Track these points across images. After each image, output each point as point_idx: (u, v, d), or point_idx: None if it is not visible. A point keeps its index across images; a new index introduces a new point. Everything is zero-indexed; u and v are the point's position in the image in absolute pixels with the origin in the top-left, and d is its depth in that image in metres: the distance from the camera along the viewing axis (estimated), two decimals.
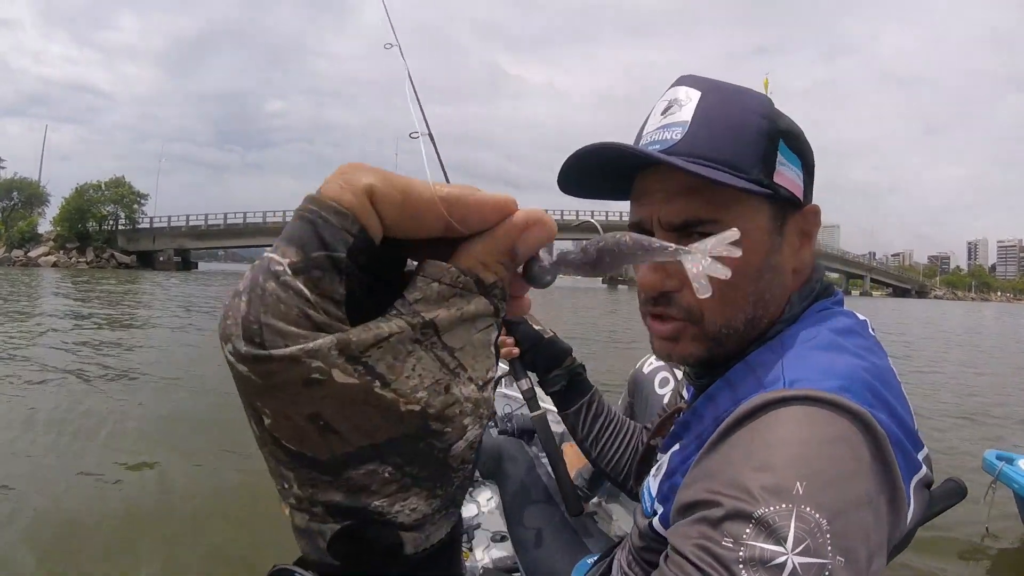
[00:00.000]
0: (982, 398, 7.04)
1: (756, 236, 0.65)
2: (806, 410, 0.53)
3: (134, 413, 4.41)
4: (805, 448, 0.50)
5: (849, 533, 0.47)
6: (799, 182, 0.67)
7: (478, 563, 1.55)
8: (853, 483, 0.49)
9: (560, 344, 1.19)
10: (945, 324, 23.09)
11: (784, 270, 0.68)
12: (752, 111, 0.66)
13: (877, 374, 0.59)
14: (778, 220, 0.67)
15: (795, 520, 0.46)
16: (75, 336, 8.09)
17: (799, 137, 0.68)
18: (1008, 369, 9.95)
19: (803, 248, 0.69)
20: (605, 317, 16.84)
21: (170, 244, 52.85)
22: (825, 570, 0.45)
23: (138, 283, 23.60)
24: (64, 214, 50.80)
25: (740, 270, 0.65)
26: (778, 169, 0.65)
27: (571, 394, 1.15)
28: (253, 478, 3.09)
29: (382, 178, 0.23)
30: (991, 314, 40.62)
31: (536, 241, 0.26)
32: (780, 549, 0.46)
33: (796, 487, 0.48)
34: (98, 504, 2.89)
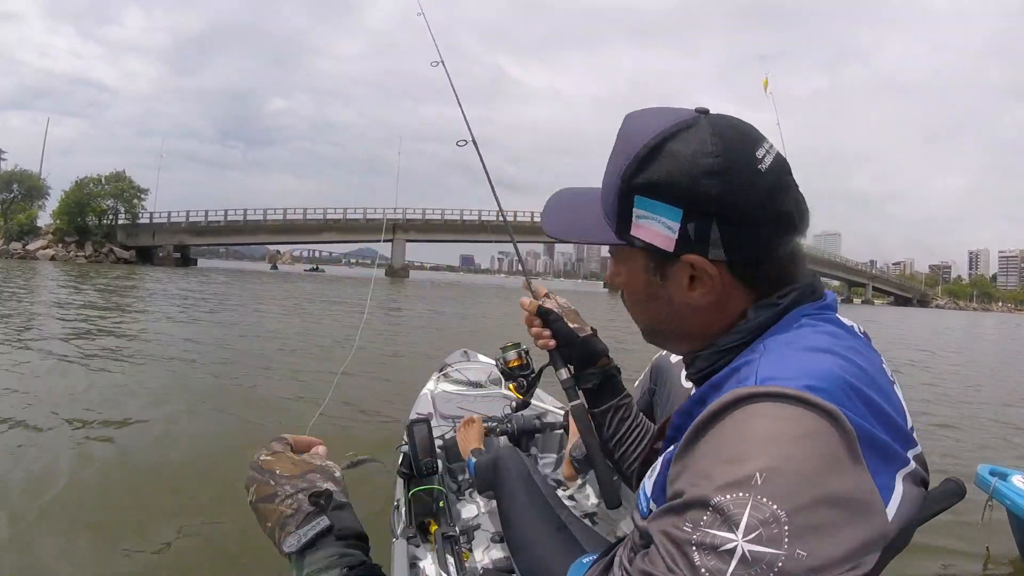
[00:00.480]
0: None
1: (634, 272, 0.75)
2: (774, 405, 0.54)
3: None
4: (769, 442, 0.52)
5: (812, 529, 0.48)
6: (669, 234, 0.68)
7: (477, 564, 1.57)
8: (817, 479, 0.50)
9: (596, 344, 1.22)
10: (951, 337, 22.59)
11: (675, 304, 0.73)
12: (616, 172, 0.72)
13: (858, 373, 0.60)
14: (653, 263, 0.72)
15: (750, 509, 0.49)
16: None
17: (670, 186, 0.67)
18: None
19: (693, 291, 0.70)
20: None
21: (170, 240, 52.53)
22: (779, 560, 0.47)
23: (132, 279, 23.22)
24: (63, 207, 50.40)
25: (629, 295, 0.79)
26: (635, 223, 0.71)
27: (602, 394, 1.19)
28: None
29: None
30: (991, 324, 40.21)
31: None
32: (731, 536, 0.49)
33: (756, 478, 0.50)
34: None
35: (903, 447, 0.59)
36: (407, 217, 56.52)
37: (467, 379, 3.20)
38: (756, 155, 0.67)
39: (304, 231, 55.57)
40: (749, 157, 0.67)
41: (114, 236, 51.38)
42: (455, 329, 12.32)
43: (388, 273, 55.24)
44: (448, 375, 3.29)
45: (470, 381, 3.17)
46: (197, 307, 13.03)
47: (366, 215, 55.39)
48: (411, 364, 6.83)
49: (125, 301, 13.57)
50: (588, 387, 1.20)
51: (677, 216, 0.68)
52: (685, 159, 0.67)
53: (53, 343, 7.02)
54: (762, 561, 0.48)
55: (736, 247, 0.67)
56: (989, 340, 23.87)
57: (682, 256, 0.69)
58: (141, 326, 9.34)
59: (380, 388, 5.66)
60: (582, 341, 1.22)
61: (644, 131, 0.69)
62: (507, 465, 1.63)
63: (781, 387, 0.55)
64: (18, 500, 2.87)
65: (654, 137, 0.68)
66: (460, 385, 3.15)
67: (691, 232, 0.67)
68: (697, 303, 0.71)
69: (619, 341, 8.47)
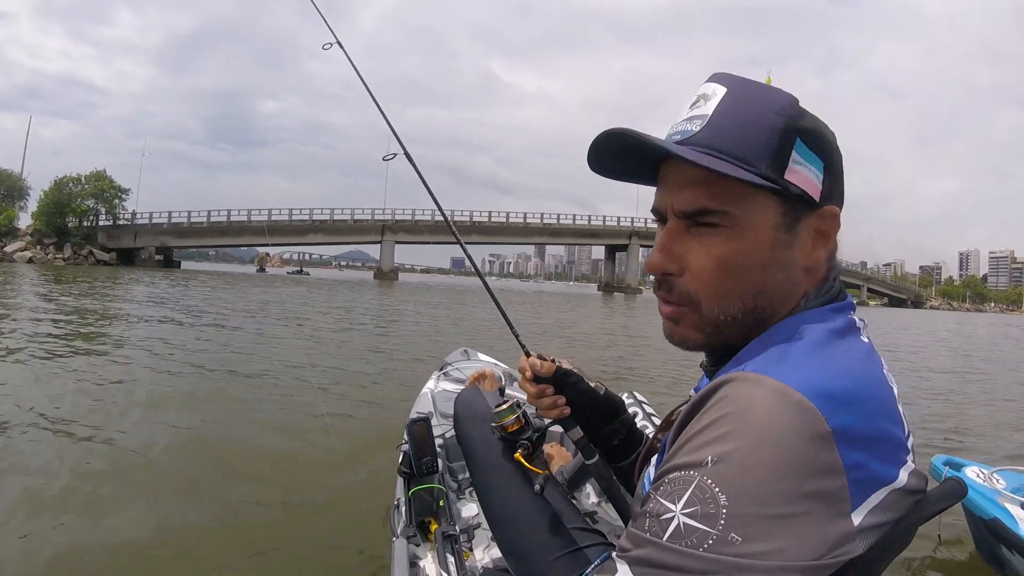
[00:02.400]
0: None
1: (761, 231, 0.67)
2: (748, 391, 0.56)
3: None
4: (734, 427, 0.54)
5: (753, 517, 0.50)
6: (817, 183, 0.68)
7: (478, 563, 1.57)
8: (773, 472, 0.51)
9: (614, 398, 1.17)
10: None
11: (793, 267, 0.69)
12: (771, 108, 0.67)
13: (859, 377, 0.60)
14: (788, 217, 0.67)
15: (693, 487, 0.53)
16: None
17: (823, 138, 0.69)
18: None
19: (817, 248, 0.69)
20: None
21: (151, 242, 51.07)
22: (709, 538, 0.51)
23: (94, 282, 21.92)
24: (42, 208, 48.95)
25: (741, 262, 0.67)
26: (791, 167, 0.66)
27: (627, 448, 1.15)
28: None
29: None
30: (1000, 324, 39.42)
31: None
32: (672, 506, 0.53)
33: (708, 460, 0.53)
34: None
35: (895, 458, 0.59)
36: (396, 218, 55.03)
37: (467, 378, 2.72)
38: None
39: (290, 232, 53.93)
40: None
41: (94, 238, 49.93)
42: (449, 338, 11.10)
43: (377, 276, 54.40)
44: (448, 374, 3.19)
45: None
46: (136, 317, 11.78)
47: (354, 216, 54.06)
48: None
49: (63, 307, 12.29)
50: (613, 444, 1.15)
51: (821, 168, 0.68)
52: (821, 121, 0.70)
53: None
54: (693, 535, 0.51)
55: (841, 204, 0.71)
56: (1016, 340, 22.49)
57: (824, 207, 0.69)
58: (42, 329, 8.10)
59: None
60: (602, 399, 1.15)
61: (773, 88, 0.69)
62: (477, 429, 1.38)
63: (763, 376, 0.56)
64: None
65: (791, 95, 0.68)
66: (460, 384, 3.00)
67: (827, 186, 0.69)
68: (814, 263, 0.70)
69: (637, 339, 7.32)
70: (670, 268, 0.70)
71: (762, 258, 0.67)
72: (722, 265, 0.67)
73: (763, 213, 0.66)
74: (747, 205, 0.66)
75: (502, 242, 65.21)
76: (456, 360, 3.45)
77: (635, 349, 10.33)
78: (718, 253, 0.67)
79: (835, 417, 0.54)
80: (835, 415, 0.54)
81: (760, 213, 0.66)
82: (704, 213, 0.67)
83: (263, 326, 10.48)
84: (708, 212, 0.67)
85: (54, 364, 5.64)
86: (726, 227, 0.66)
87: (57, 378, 5.05)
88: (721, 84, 0.70)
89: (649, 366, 8.09)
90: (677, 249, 0.69)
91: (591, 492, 1.94)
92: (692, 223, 0.68)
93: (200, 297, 16.85)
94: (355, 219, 53.87)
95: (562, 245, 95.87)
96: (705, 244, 0.67)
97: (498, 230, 59.86)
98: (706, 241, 0.67)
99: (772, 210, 0.66)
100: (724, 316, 0.69)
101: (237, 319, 11.22)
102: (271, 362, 6.59)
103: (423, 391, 3.01)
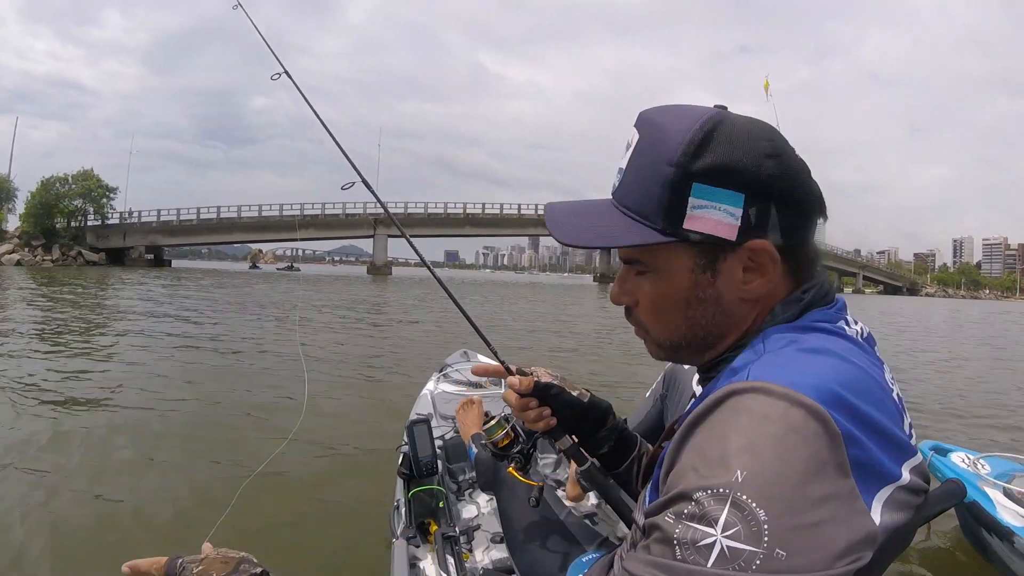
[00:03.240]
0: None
1: (679, 274, 0.70)
2: (761, 401, 0.55)
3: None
4: (753, 438, 0.53)
5: (792, 529, 0.49)
6: (730, 221, 0.66)
7: (478, 564, 1.56)
8: (800, 479, 0.51)
9: (600, 404, 1.16)
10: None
11: (723, 300, 0.70)
12: (662, 159, 0.66)
13: (854, 377, 0.60)
14: (703, 259, 0.68)
15: (729, 505, 0.50)
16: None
17: (735, 170, 0.65)
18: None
19: (751, 281, 0.69)
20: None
21: (141, 241, 50.30)
22: (757, 558, 0.48)
23: (73, 283, 21.44)
24: (30, 209, 48.28)
25: (665, 302, 0.72)
26: (690, 215, 0.66)
27: (619, 452, 1.15)
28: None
29: None
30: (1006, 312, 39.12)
31: None
32: (711, 531, 0.50)
33: (737, 474, 0.51)
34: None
35: (896, 459, 0.59)
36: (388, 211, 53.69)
37: (467, 379, 3.13)
38: (786, 140, 0.70)
39: (281, 228, 53.04)
40: (785, 141, 0.69)
41: (83, 238, 49.34)
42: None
43: (370, 271, 53.80)
44: (448, 375, 3.23)
45: (470, 381, 3.11)
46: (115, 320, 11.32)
47: (345, 210, 53.24)
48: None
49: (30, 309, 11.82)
50: (603, 451, 1.15)
51: (739, 201, 0.66)
52: (743, 142, 0.66)
53: None
54: (740, 558, 0.49)
55: (791, 230, 0.68)
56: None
57: (746, 243, 0.67)
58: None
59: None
60: (589, 407, 1.14)
61: (683, 120, 0.67)
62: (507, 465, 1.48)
63: (770, 383, 0.56)
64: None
65: (704, 123, 0.66)
66: (460, 385, 3.10)
67: (752, 217, 0.66)
68: (750, 295, 0.70)
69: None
70: (624, 302, 0.76)
71: (684, 297, 0.70)
72: (652, 304, 0.73)
73: (675, 259, 0.69)
74: (659, 255, 0.70)
75: (497, 234, 64.66)
76: (456, 362, 3.46)
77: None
78: (647, 292, 0.72)
79: (842, 417, 0.54)
80: (842, 415, 0.54)
81: (672, 260, 0.69)
82: (631, 261, 0.73)
83: (253, 326, 10.09)
84: (632, 261, 0.73)
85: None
86: (649, 272, 0.71)
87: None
88: (638, 129, 0.71)
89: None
90: (627, 286, 0.75)
91: (591, 494, 1.91)
92: (630, 269, 0.74)
93: (184, 296, 16.44)
94: (347, 213, 53.10)
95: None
96: (641, 285, 0.73)
97: (492, 222, 59.36)
98: (641, 282, 0.73)
99: (684, 255, 0.69)
100: (669, 342, 0.75)
101: (226, 317, 10.92)
102: (262, 358, 6.54)
103: (423, 392, 3.03)
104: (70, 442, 3.61)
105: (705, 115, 0.67)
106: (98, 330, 8.90)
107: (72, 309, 11.61)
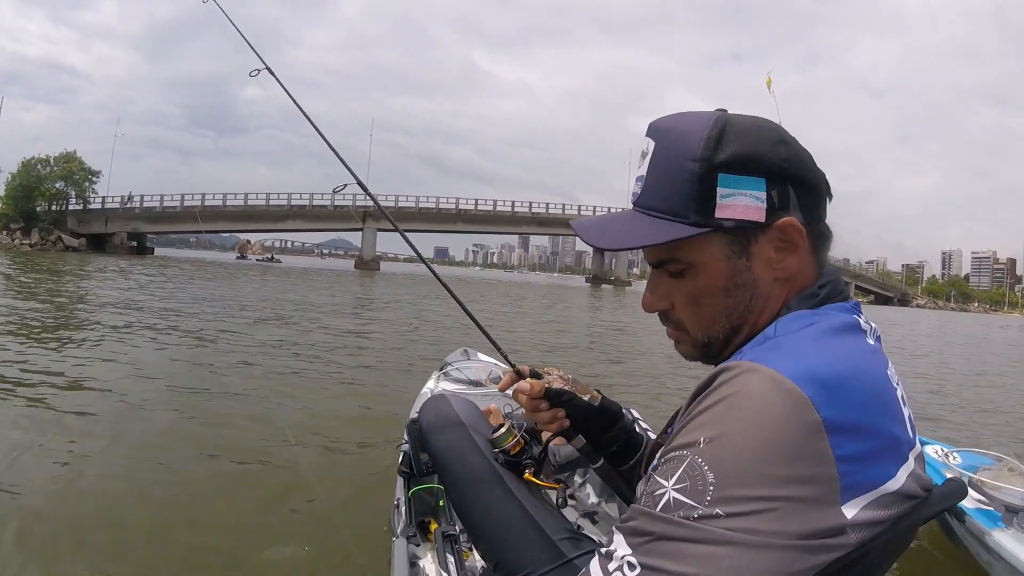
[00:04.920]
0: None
1: (715, 264, 0.72)
2: (745, 379, 0.59)
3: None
4: (727, 411, 0.57)
5: (737, 499, 0.53)
6: (757, 204, 0.70)
7: (478, 563, 1.55)
8: (761, 457, 0.54)
9: (611, 407, 1.19)
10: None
11: (760, 283, 0.72)
12: (686, 156, 0.70)
13: (853, 370, 0.61)
14: (737, 245, 0.71)
15: (685, 465, 0.56)
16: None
17: (753, 157, 0.70)
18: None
19: (784, 258, 0.72)
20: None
21: (123, 227, 49.04)
22: (695, 511, 0.54)
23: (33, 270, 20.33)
24: (10, 191, 47.09)
25: (705, 294, 0.73)
26: (720, 204, 0.69)
27: (628, 450, 1.19)
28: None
29: None
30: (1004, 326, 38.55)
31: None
32: (664, 483, 0.57)
33: (700, 439, 0.57)
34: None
35: (893, 456, 0.60)
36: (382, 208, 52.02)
37: (467, 378, 3.05)
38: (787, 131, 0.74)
39: (267, 218, 52.06)
40: (787, 131, 0.74)
41: (64, 223, 48.11)
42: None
43: (357, 265, 52.70)
44: (448, 374, 3.13)
45: (470, 380, 3.02)
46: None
47: (334, 202, 51.61)
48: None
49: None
50: (613, 450, 1.19)
51: (762, 186, 0.70)
52: (754, 133, 0.71)
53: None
54: (681, 508, 0.55)
55: (809, 208, 0.72)
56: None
57: (774, 223, 0.70)
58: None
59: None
60: (600, 411, 1.18)
61: (695, 121, 0.72)
62: (449, 437, 1.41)
63: (759, 364, 0.59)
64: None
65: (715, 121, 0.70)
66: (460, 384, 3.00)
67: (775, 199, 0.70)
68: (783, 273, 0.72)
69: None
70: (660, 306, 0.78)
71: (723, 286, 0.72)
72: (692, 300, 0.74)
73: (710, 250, 0.71)
74: (693, 249, 0.72)
75: (489, 231, 63.60)
76: (456, 360, 3.38)
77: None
78: (687, 291, 0.74)
79: (826, 407, 0.56)
80: (827, 405, 0.56)
81: (707, 251, 0.71)
82: (664, 263, 0.75)
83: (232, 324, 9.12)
84: (665, 262, 0.74)
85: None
86: (684, 270, 0.73)
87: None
88: (652, 138, 0.74)
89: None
90: (661, 290, 0.77)
91: (591, 492, 1.90)
92: (660, 271, 0.76)
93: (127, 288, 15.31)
94: (335, 205, 51.51)
95: (549, 235, 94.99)
96: (676, 285, 0.75)
97: (484, 219, 58.49)
98: (676, 283, 0.75)
99: (718, 245, 0.71)
100: (709, 338, 0.76)
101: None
102: (259, 360, 6.27)
103: (423, 391, 2.95)
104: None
105: (714, 115, 0.72)
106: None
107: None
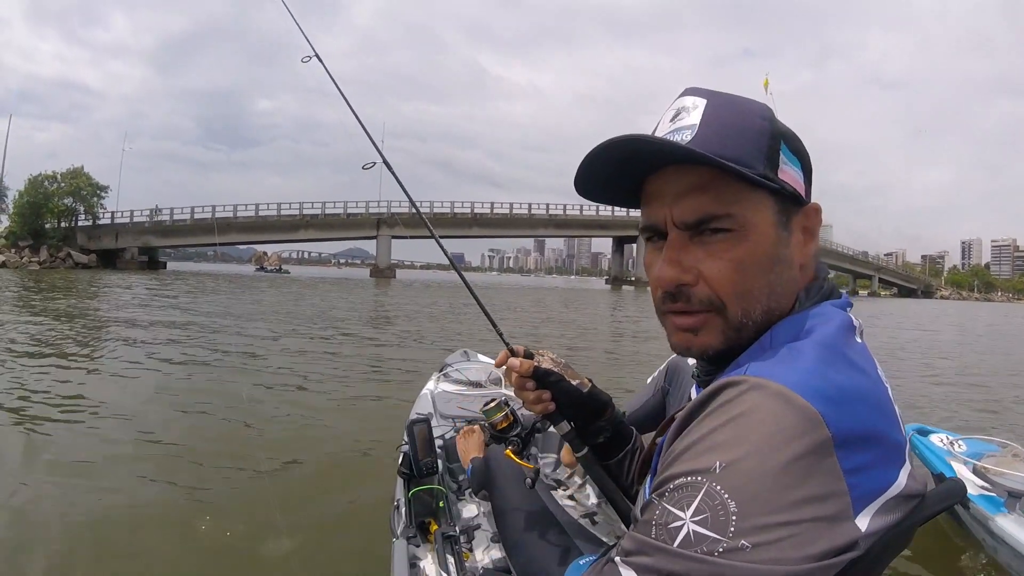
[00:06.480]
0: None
1: (764, 228, 0.67)
2: (753, 396, 0.56)
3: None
4: (739, 432, 0.54)
5: (762, 528, 0.51)
6: (801, 181, 0.72)
7: (478, 564, 1.56)
8: (779, 479, 0.52)
9: (600, 396, 1.18)
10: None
11: (792, 264, 0.70)
12: (755, 114, 0.70)
13: (857, 381, 0.60)
14: (783, 215, 0.69)
15: (703, 493, 0.53)
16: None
17: (797, 140, 0.72)
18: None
19: (807, 244, 0.72)
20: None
21: (134, 242, 47.99)
22: (720, 546, 0.51)
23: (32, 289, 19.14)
24: (18, 209, 46.23)
25: (755, 261, 0.67)
26: (781, 167, 0.69)
27: (614, 444, 1.18)
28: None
29: None
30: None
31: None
32: (681, 514, 0.53)
33: (716, 464, 0.53)
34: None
35: (894, 460, 0.59)
36: (392, 211, 50.24)
37: (467, 379, 3.06)
38: None
39: (279, 229, 50.85)
40: None
41: (73, 239, 47.11)
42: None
43: (373, 274, 51.46)
44: (448, 375, 3.15)
45: (470, 381, 3.03)
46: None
47: (347, 210, 50.86)
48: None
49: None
50: (599, 442, 1.17)
51: (800, 167, 0.72)
52: (784, 125, 0.72)
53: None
54: (704, 543, 0.51)
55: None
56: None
57: (806, 206, 0.72)
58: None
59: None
60: (588, 398, 1.16)
61: (748, 98, 0.72)
62: (499, 464, 1.57)
63: (767, 380, 0.57)
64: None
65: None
66: (460, 385, 3.01)
67: (806, 184, 0.73)
68: (804, 259, 0.72)
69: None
70: (686, 279, 0.68)
71: (770, 255, 0.67)
72: (739, 266, 0.66)
73: (762, 212, 0.67)
74: (748, 204, 0.66)
75: (505, 235, 61.91)
76: (456, 361, 3.36)
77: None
78: (732, 255, 0.66)
79: (836, 422, 0.54)
80: (836, 420, 0.54)
81: (760, 212, 0.67)
82: (709, 219, 0.66)
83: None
84: (713, 218, 0.66)
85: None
86: (733, 230, 0.66)
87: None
88: (699, 96, 0.70)
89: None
90: (687, 260, 0.68)
91: (591, 493, 1.88)
92: (695, 232, 0.68)
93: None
94: (348, 213, 50.69)
95: (566, 237, 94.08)
96: (716, 249, 0.67)
97: (501, 222, 57.05)
98: (716, 247, 0.67)
99: (769, 208, 0.68)
100: (746, 318, 0.68)
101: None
102: (261, 360, 6.47)
103: (423, 392, 2.93)
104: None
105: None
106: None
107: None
